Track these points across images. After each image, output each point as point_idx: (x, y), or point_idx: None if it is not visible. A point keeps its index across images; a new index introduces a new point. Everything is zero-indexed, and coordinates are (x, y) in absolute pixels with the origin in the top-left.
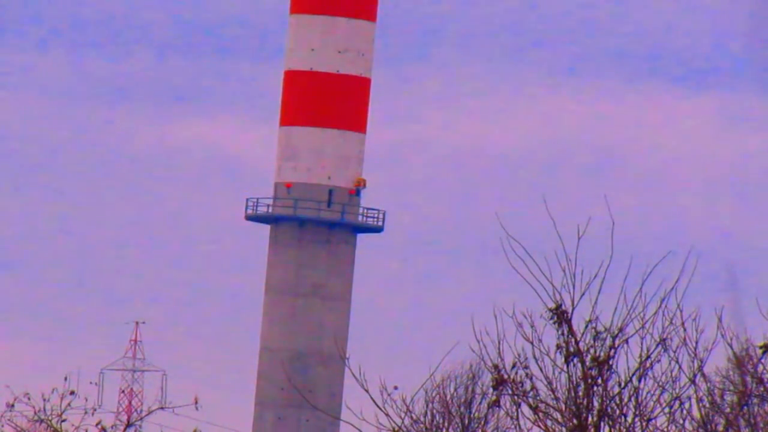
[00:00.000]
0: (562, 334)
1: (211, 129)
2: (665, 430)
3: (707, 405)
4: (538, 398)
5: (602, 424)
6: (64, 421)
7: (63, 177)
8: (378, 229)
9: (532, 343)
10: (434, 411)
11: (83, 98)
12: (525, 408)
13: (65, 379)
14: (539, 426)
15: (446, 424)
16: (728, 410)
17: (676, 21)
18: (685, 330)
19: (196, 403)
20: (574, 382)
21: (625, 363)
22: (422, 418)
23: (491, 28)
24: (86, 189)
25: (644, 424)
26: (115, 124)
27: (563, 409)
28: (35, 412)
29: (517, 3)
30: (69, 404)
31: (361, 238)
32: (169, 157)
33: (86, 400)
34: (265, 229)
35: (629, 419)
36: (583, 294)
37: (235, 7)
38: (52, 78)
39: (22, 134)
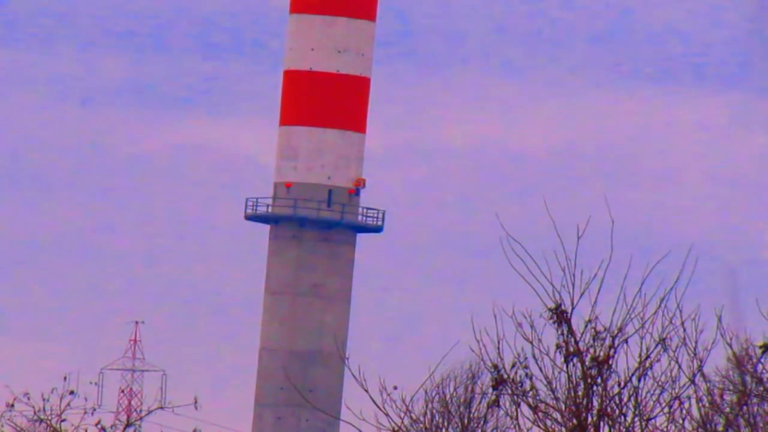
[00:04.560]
0: (562, 334)
1: (211, 129)
2: (665, 430)
3: (707, 405)
4: (537, 398)
5: (602, 424)
6: (63, 421)
7: (62, 177)
8: (378, 229)
9: (531, 343)
10: (434, 411)
11: (82, 98)
12: (524, 408)
13: (65, 379)
14: (539, 426)
15: (446, 424)
16: (728, 410)
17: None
18: (684, 330)
19: (196, 403)
20: (574, 382)
21: (624, 363)
22: (422, 418)
23: (491, 29)
24: (86, 189)
25: (644, 423)
26: (114, 124)
27: (563, 409)
28: (35, 412)
29: (518, 3)
30: (69, 404)
31: (361, 238)
32: (168, 157)
33: (86, 400)
34: (265, 229)
35: (629, 419)
36: (583, 294)
37: (235, 7)
38: (52, 78)
39: (22, 134)
